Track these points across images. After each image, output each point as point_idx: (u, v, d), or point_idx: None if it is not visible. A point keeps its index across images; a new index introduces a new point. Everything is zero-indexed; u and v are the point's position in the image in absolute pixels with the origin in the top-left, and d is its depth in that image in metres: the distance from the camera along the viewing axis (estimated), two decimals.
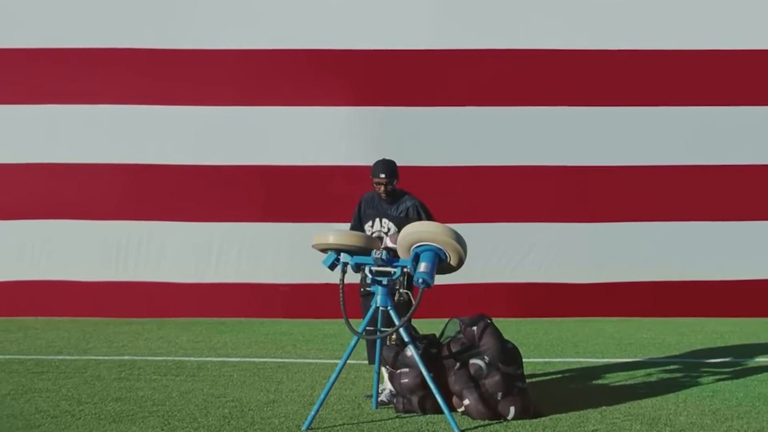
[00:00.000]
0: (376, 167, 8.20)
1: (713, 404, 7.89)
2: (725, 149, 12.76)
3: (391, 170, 8.16)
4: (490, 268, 12.70)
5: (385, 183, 8.14)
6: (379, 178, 8.15)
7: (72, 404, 7.84)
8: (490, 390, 7.43)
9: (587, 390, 8.51)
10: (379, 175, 8.15)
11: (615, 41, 12.81)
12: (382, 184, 8.14)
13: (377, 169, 8.18)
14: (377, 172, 8.17)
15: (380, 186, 8.16)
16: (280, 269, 12.78)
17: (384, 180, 8.13)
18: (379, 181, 8.16)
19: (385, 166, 8.17)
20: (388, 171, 8.15)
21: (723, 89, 12.81)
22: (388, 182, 8.14)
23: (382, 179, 8.14)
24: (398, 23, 12.81)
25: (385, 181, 8.14)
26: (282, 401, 7.99)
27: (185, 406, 7.78)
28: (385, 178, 8.13)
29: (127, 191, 12.78)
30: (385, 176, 8.13)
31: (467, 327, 7.66)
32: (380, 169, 8.16)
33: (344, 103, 12.71)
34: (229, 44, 12.78)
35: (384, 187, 8.15)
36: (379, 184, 8.17)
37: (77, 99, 12.79)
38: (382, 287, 7.28)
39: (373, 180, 8.20)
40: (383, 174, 8.14)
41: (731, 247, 12.84)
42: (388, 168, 8.16)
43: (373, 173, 8.19)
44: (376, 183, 8.19)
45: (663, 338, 11.27)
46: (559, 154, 12.78)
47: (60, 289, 12.83)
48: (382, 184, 8.15)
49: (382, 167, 8.17)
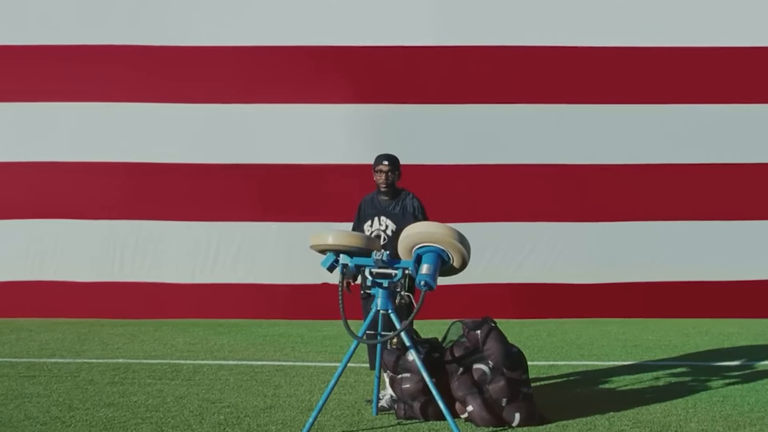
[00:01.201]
0: (378, 157, 8.05)
1: (724, 410, 7.68)
2: (733, 147, 12.60)
3: (393, 160, 8.02)
4: (491, 268, 12.58)
5: (387, 171, 7.95)
6: (382, 164, 7.97)
7: (63, 410, 7.64)
8: (494, 396, 7.23)
9: (593, 395, 8.33)
10: (382, 162, 7.98)
11: (618, 38, 12.67)
12: (384, 172, 7.96)
13: (380, 158, 8.03)
14: (380, 159, 8.01)
15: (382, 175, 7.97)
16: (279, 269, 12.60)
17: (387, 167, 7.95)
18: (381, 168, 7.97)
19: (388, 156, 8.03)
20: (391, 159, 8.01)
21: (730, 86, 12.64)
22: (390, 171, 7.96)
23: (384, 166, 7.96)
24: (398, 20, 12.66)
25: (387, 168, 7.95)
26: (279, 407, 7.80)
27: (179, 413, 7.57)
28: (387, 166, 7.95)
29: (123, 190, 12.68)
30: (388, 163, 7.96)
31: (471, 331, 7.46)
32: (383, 157, 8.01)
33: (344, 100, 12.60)
34: (227, 41, 12.68)
35: (385, 176, 7.96)
36: (381, 172, 7.98)
37: (72, 96, 12.67)
38: (382, 290, 7.06)
39: (375, 170, 8.02)
40: (386, 161, 7.97)
41: (737, 246, 12.70)
42: (391, 157, 8.02)
43: (376, 162, 8.03)
44: (378, 172, 8.00)
45: (669, 340, 11.10)
46: (563, 152, 12.63)
47: (54, 289, 12.75)
48: (384, 173, 7.96)
49: (386, 156, 8.03)
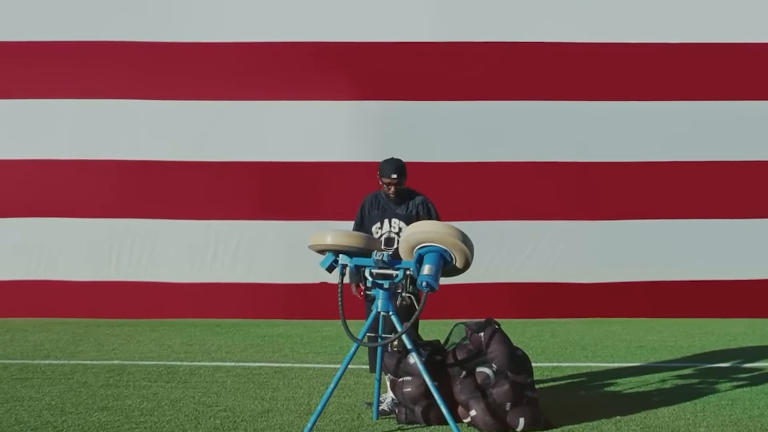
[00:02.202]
0: (386, 167, 7.82)
1: (734, 414, 7.50)
2: (740, 145, 12.42)
3: (401, 170, 7.81)
4: (493, 267, 12.41)
5: (396, 183, 7.78)
6: (391, 178, 7.78)
7: (55, 414, 7.46)
8: (498, 400, 7.05)
9: (599, 398, 8.15)
10: (391, 176, 7.78)
11: (622, 34, 12.50)
12: (393, 184, 7.78)
13: (388, 169, 7.80)
14: (388, 172, 7.79)
15: (391, 186, 7.80)
16: (278, 268, 12.44)
17: (395, 180, 7.77)
18: (390, 181, 7.79)
19: (396, 166, 7.80)
20: (400, 171, 7.80)
21: (737, 83, 12.46)
22: (399, 183, 7.78)
23: (393, 179, 7.77)
24: (399, 15, 12.49)
25: (396, 181, 7.78)
26: (277, 410, 7.62)
27: (174, 417, 7.39)
28: (396, 179, 7.77)
29: (119, 188, 12.52)
30: (396, 177, 7.77)
31: (474, 333, 7.27)
32: (392, 169, 7.79)
33: (344, 97, 12.42)
34: (224, 37, 12.52)
35: (395, 187, 7.78)
36: (390, 184, 7.80)
37: (68, 94, 12.51)
38: (383, 291, 6.86)
39: (383, 180, 7.83)
40: (395, 174, 7.77)
41: (743, 245, 12.53)
42: (399, 168, 7.80)
43: (383, 173, 7.82)
44: (386, 183, 7.81)
45: (674, 341, 10.94)
46: (566, 149, 12.46)
47: (50, 289, 12.60)
48: (393, 185, 7.78)
49: (394, 167, 7.80)
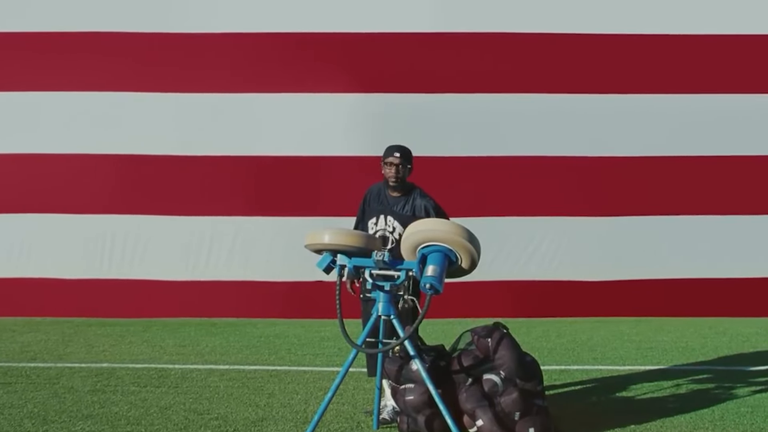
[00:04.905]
0: (389, 148, 7.43)
1: (755, 422, 7.13)
2: (754, 139, 12.05)
3: (405, 152, 7.40)
4: (497, 265, 12.05)
5: (398, 164, 7.33)
6: (393, 157, 7.35)
7: (36, 423, 7.09)
8: (506, 409, 6.67)
9: (611, 404, 7.81)
10: (393, 153, 7.36)
11: (626, 26, 12.15)
12: (395, 165, 7.33)
13: (391, 149, 7.41)
14: (391, 150, 7.39)
15: (392, 168, 7.35)
16: (275, 266, 12.09)
17: (398, 160, 7.33)
18: (391, 161, 7.35)
19: (400, 147, 7.42)
20: (403, 151, 7.39)
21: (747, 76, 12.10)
22: (401, 164, 7.34)
23: (395, 158, 7.33)
24: (399, 5, 12.17)
25: (398, 161, 7.33)
26: (272, 419, 7.24)
27: (162, 426, 7.02)
28: (399, 158, 7.33)
29: (112, 183, 12.18)
30: (399, 155, 7.34)
31: (480, 338, 6.88)
32: (394, 148, 7.40)
33: (343, 89, 12.08)
34: (220, 28, 12.18)
35: (396, 169, 7.33)
36: (391, 165, 7.35)
37: (58, 86, 12.18)
38: (384, 293, 6.46)
39: (385, 162, 7.39)
40: (398, 153, 7.35)
41: (754, 242, 12.17)
42: (403, 149, 7.40)
43: (386, 154, 7.41)
44: (388, 164, 7.37)
45: (685, 341, 10.61)
46: (571, 144, 12.10)
47: (40, 287, 12.23)
48: (394, 165, 7.33)
49: (397, 147, 7.42)
